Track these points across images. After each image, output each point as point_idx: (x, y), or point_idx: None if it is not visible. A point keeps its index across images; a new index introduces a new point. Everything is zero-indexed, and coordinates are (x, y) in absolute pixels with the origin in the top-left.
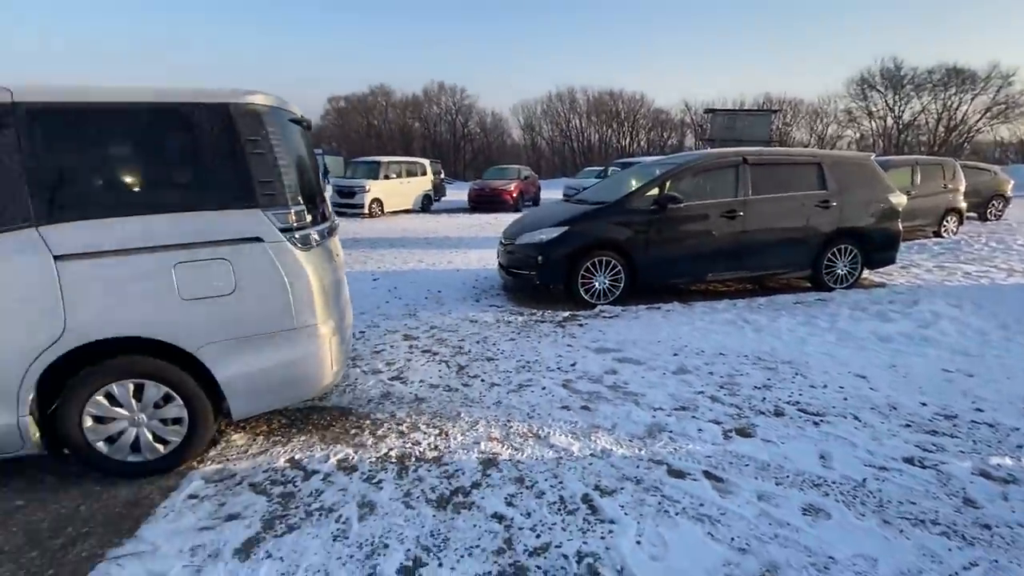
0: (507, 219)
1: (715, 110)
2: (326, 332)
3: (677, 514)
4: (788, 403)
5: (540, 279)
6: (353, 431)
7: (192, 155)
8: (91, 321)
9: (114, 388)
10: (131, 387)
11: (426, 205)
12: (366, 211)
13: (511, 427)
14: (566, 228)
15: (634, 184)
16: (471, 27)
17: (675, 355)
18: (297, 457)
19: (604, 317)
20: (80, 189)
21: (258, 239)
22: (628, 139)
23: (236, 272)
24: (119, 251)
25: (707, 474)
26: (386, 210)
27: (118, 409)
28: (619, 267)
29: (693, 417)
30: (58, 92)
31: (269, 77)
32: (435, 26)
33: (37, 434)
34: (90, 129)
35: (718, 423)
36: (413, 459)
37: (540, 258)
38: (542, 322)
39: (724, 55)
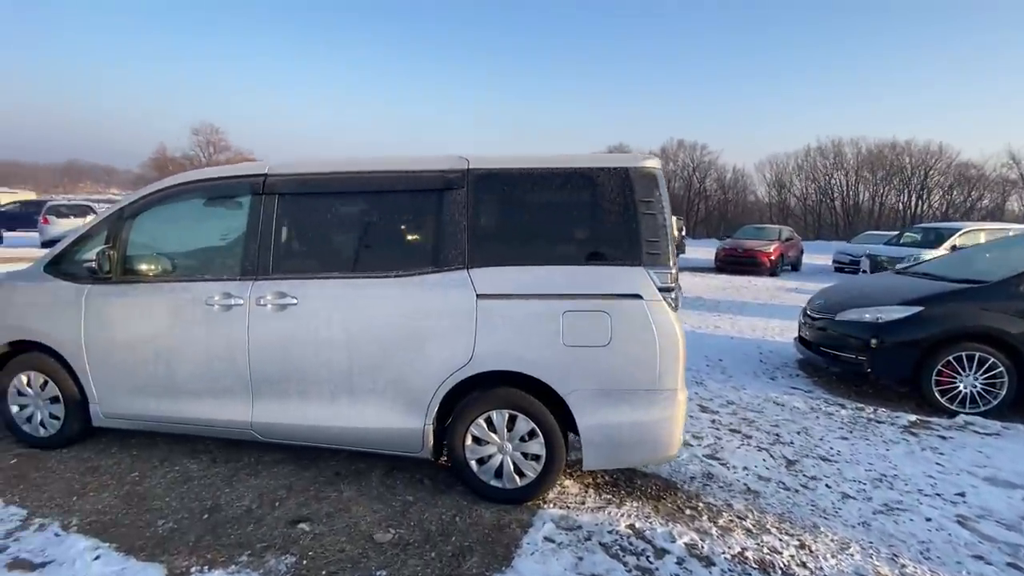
0: (762, 283)
1: None
2: (683, 399)
3: None
4: None
5: (874, 369)
6: (688, 511)
7: (591, 214)
8: (490, 353)
9: (494, 415)
10: (507, 417)
11: None
12: None
13: (904, 567)
14: (919, 309)
15: None
16: (715, 86)
17: None
18: (638, 526)
19: (977, 432)
20: (501, 240)
21: (638, 296)
22: (914, 198)
23: (613, 326)
24: (523, 295)
25: None
26: None
27: (492, 435)
28: (1000, 368)
29: None
30: (502, 160)
31: (506, 138)
32: (675, 85)
33: (431, 442)
34: (517, 190)
35: None
36: (779, 572)
37: (875, 342)
38: (878, 422)
39: None
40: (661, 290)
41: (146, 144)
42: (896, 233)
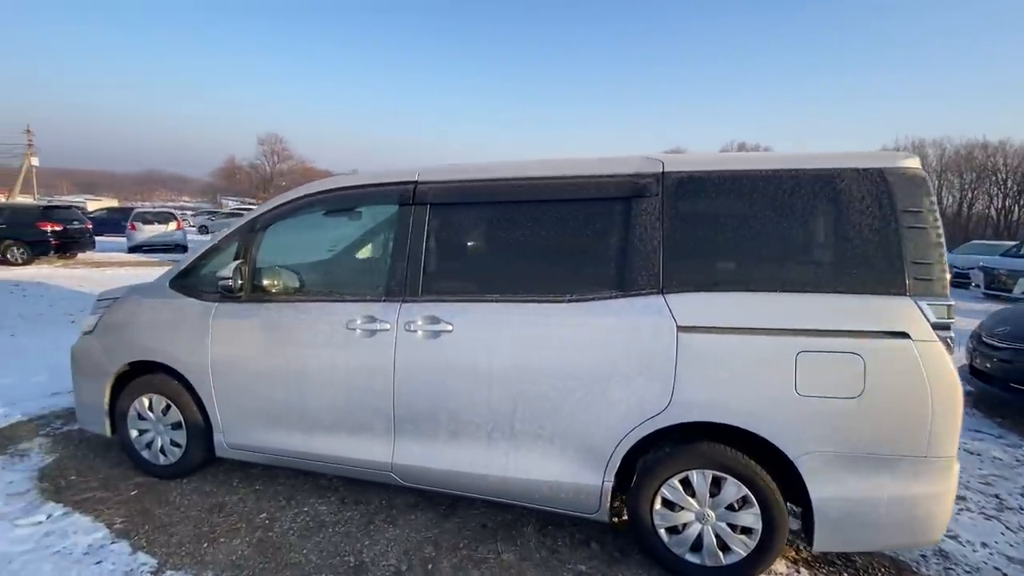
0: None
1: None
2: (957, 470)
3: None
4: None
5: None
6: None
7: (832, 227)
8: (695, 400)
9: (693, 475)
10: (710, 478)
11: None
12: None
13: None
14: None
15: None
16: (782, 83)
17: None
18: None
19: None
20: (707, 258)
21: (903, 335)
22: (1008, 203)
23: (867, 372)
24: (741, 329)
25: None
26: None
27: (691, 499)
28: None
29: None
30: (706, 161)
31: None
32: (737, 83)
33: (609, 503)
34: (727, 197)
35: None
36: None
37: None
38: None
39: None
40: (936, 327)
41: (215, 154)
42: (1015, 243)
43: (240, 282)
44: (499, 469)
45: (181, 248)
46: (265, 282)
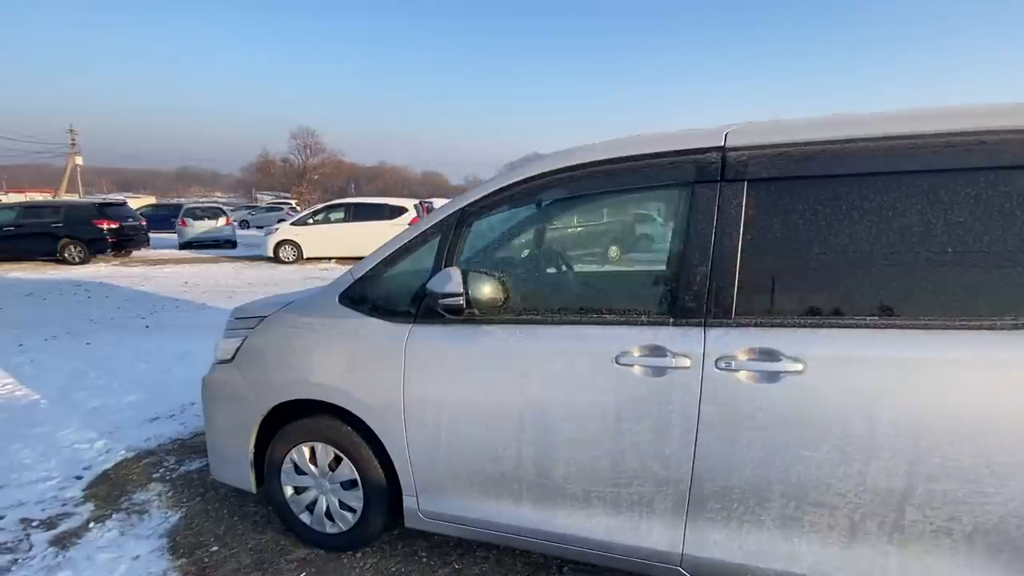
0: None
1: None
2: None
3: None
4: None
5: None
6: None
7: None
8: None
9: None
10: None
11: None
12: None
13: None
14: None
15: None
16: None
17: None
18: None
19: None
20: None
21: None
22: None
23: None
24: None
25: None
26: None
27: None
28: None
29: None
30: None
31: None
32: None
33: None
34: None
35: None
36: None
37: None
38: None
39: None
40: None
41: (245, 150)
42: None
43: (468, 297)
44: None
45: (231, 244)
46: (483, 295)
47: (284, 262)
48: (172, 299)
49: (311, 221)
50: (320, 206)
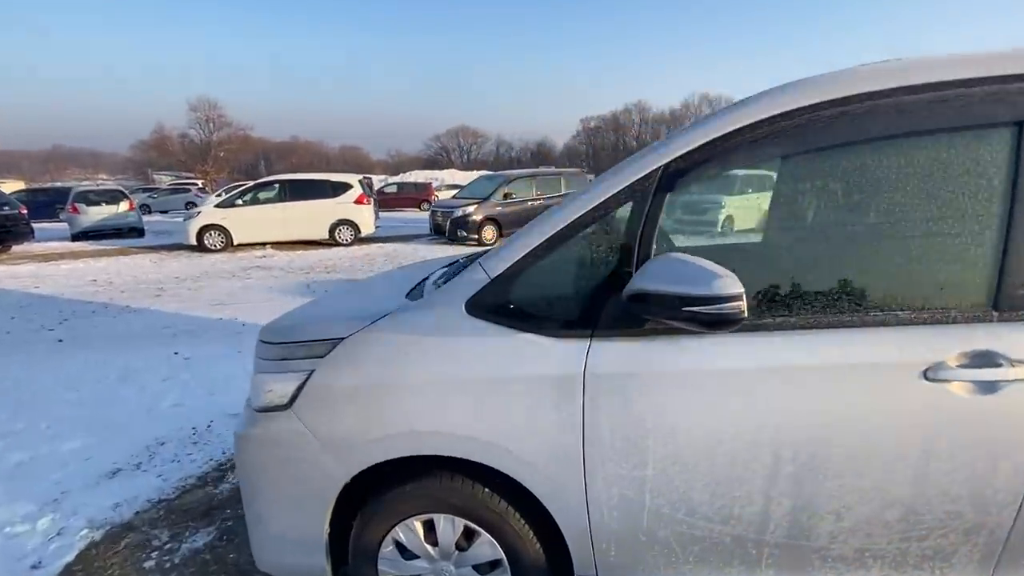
0: None
1: None
2: None
3: None
4: None
5: None
6: None
7: None
8: None
9: None
10: None
11: None
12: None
13: None
14: None
15: None
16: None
17: None
18: None
19: None
20: None
21: None
22: None
23: None
24: None
25: None
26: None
27: None
28: None
29: None
30: None
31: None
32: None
33: None
34: None
35: None
36: None
37: None
38: None
39: None
40: None
41: (132, 125)
42: None
43: (748, 301)
44: None
45: (137, 232)
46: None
47: (211, 250)
48: (82, 303)
49: (240, 202)
50: (249, 184)
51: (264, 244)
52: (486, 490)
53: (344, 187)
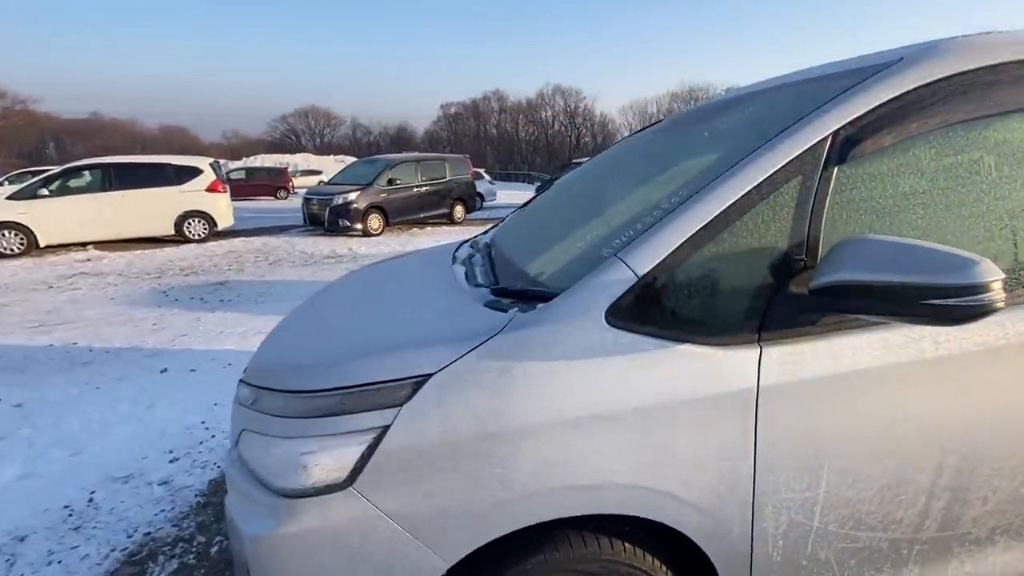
0: None
1: None
2: None
3: None
4: None
5: None
6: None
7: None
8: None
9: None
10: None
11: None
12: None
13: None
14: None
15: None
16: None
17: None
18: None
19: None
20: None
21: None
22: None
23: None
24: None
25: None
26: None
27: None
28: None
29: None
30: None
31: (380, 86)
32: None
33: None
34: None
35: None
36: None
37: None
38: None
39: None
40: None
41: None
42: None
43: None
44: None
45: None
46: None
47: (3, 255)
48: None
49: (45, 192)
50: (56, 170)
51: (84, 245)
52: (627, 545)
53: (192, 172)
